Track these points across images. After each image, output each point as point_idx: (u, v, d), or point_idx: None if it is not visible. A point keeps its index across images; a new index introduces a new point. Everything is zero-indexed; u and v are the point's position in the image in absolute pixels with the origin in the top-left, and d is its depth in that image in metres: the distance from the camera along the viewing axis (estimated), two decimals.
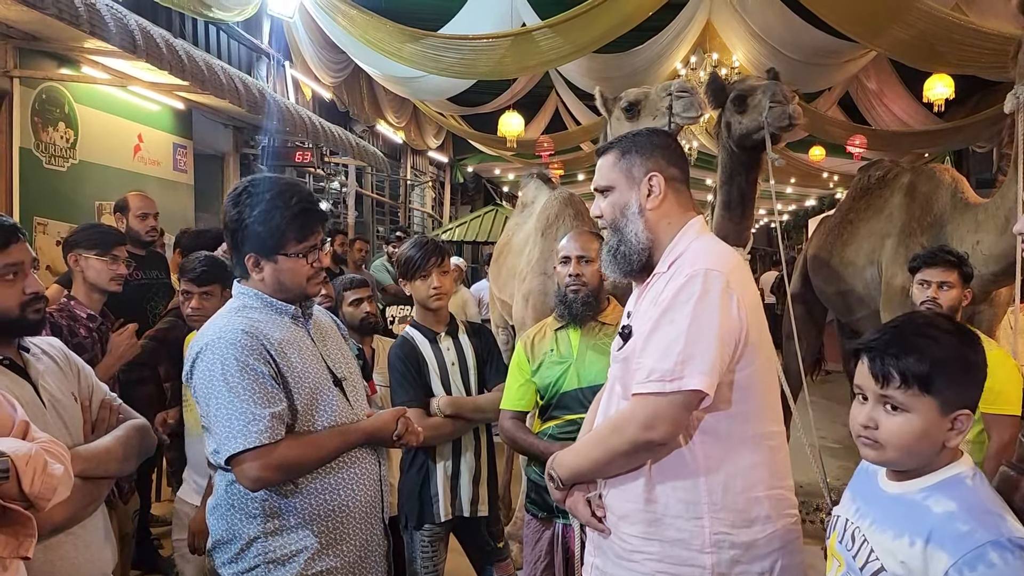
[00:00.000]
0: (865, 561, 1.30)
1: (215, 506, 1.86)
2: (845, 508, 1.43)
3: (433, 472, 2.58)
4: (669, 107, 3.10)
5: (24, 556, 1.23)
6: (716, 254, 1.66)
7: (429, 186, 13.77)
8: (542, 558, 2.55)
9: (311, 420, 1.83)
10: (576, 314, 2.51)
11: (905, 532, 1.25)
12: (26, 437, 1.36)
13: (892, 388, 1.27)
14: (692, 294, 1.56)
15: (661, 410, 1.53)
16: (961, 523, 1.21)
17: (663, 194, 1.71)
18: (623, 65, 7.72)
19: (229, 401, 1.71)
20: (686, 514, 1.60)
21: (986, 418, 2.60)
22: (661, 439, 1.55)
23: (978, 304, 3.41)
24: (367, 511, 1.91)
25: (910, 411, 1.27)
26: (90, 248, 2.84)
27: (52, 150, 4.80)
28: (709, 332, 1.54)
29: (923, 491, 1.29)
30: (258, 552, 1.79)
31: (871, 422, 1.29)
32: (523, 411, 2.57)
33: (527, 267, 3.93)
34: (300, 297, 1.91)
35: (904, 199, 3.91)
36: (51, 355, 1.79)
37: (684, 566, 1.60)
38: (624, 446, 1.59)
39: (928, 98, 8.12)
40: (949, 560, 1.18)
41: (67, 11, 3.71)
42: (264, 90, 5.80)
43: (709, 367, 1.52)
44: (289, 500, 1.80)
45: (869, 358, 1.30)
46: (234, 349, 1.73)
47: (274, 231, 1.81)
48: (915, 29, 5.22)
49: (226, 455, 1.72)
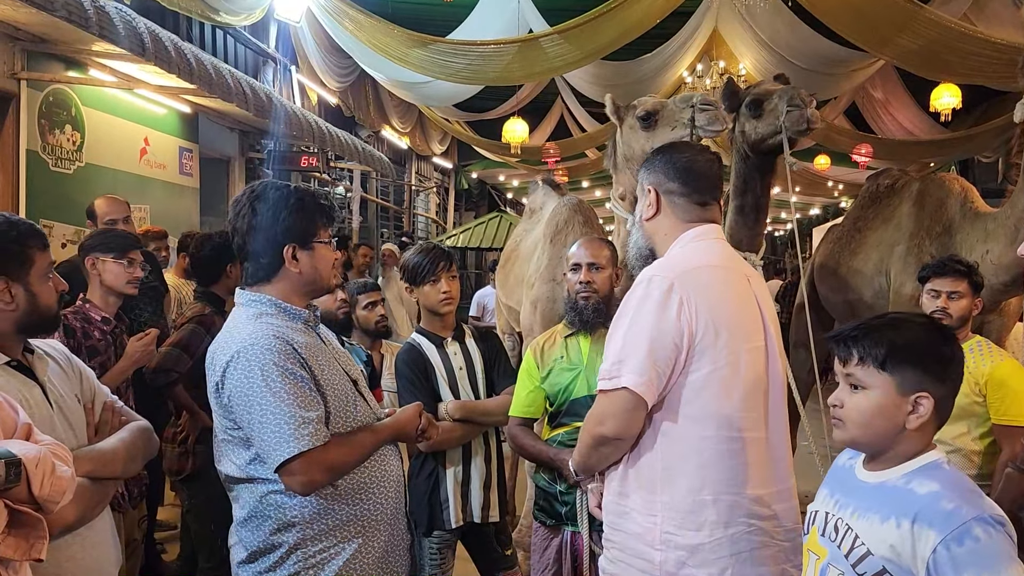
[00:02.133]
0: (850, 547, 1.35)
1: (246, 519, 1.82)
2: (823, 502, 1.48)
3: (443, 478, 2.57)
4: (692, 119, 3.06)
5: (37, 558, 1.22)
6: (678, 260, 1.76)
7: (434, 192, 13.80)
8: (550, 566, 2.53)
9: (341, 422, 1.84)
10: (587, 321, 2.50)
11: (891, 515, 1.30)
12: (29, 440, 1.35)
13: (852, 366, 1.37)
14: (634, 299, 1.70)
15: (607, 407, 1.68)
16: (946, 501, 1.26)
17: (656, 207, 1.82)
18: (630, 72, 7.74)
19: (275, 407, 1.70)
20: (644, 510, 1.70)
21: (997, 429, 2.59)
22: (612, 434, 1.68)
23: (988, 314, 3.39)
24: (394, 507, 1.92)
25: (868, 388, 1.35)
26: (106, 252, 2.84)
27: (58, 153, 4.80)
28: (642, 336, 1.64)
29: (903, 477, 1.35)
30: (299, 559, 1.78)
31: (838, 401, 1.39)
32: (531, 418, 2.56)
33: (535, 274, 3.93)
34: (323, 289, 1.97)
35: (913, 208, 3.90)
36: (54, 357, 1.79)
37: (639, 559, 1.70)
38: (588, 439, 1.76)
39: (935, 108, 8.10)
40: (937, 537, 1.23)
41: (76, 13, 3.72)
42: (271, 94, 5.81)
43: (639, 368, 1.62)
44: (328, 503, 1.79)
45: (835, 344, 1.40)
46: (271, 354, 1.73)
47: (308, 219, 1.86)
48: (923, 39, 5.21)
49: (278, 461, 1.70)
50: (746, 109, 3.47)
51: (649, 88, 7.64)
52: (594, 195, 13.87)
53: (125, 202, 3.92)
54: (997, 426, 2.58)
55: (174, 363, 3.01)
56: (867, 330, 1.37)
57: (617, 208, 3.48)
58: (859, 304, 4.17)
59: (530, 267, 4.08)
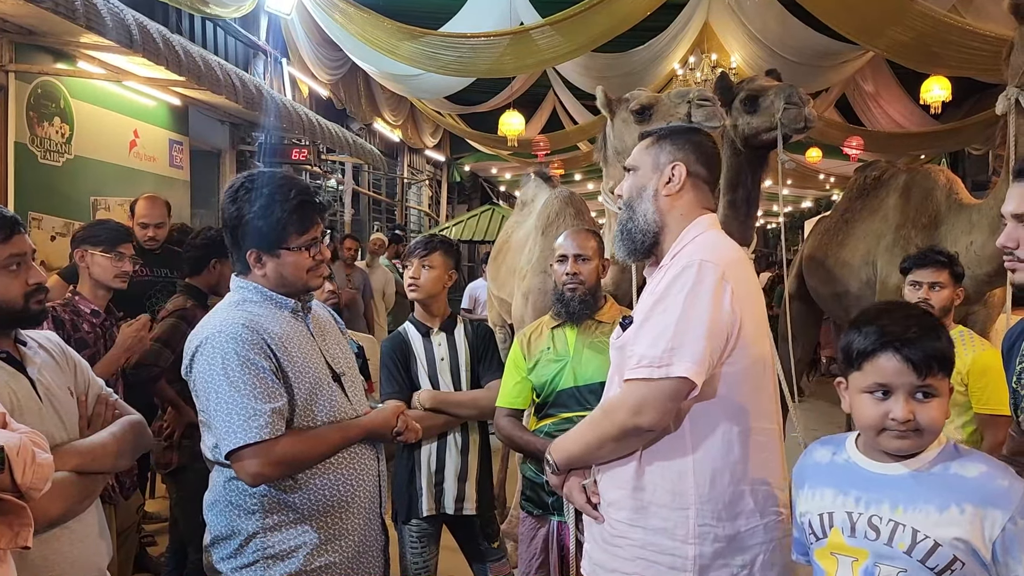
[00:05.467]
0: (912, 542, 1.31)
1: (213, 502, 1.85)
2: (835, 502, 1.42)
3: (418, 467, 2.58)
4: (688, 115, 3.06)
5: (24, 546, 1.23)
6: (716, 247, 1.68)
7: (426, 185, 13.77)
8: (537, 555, 2.55)
9: (311, 415, 1.83)
10: (573, 312, 2.51)
11: (950, 502, 1.30)
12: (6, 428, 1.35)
13: (931, 377, 1.31)
14: (685, 284, 1.59)
15: (649, 396, 1.55)
16: (1000, 479, 1.30)
17: (681, 184, 1.74)
18: (621, 65, 7.73)
19: (229, 396, 1.71)
20: (672, 503, 1.62)
21: (980, 418, 2.62)
22: (648, 425, 1.57)
23: (972, 305, 3.42)
24: (366, 507, 1.91)
25: (939, 395, 1.34)
26: (96, 245, 2.84)
27: (47, 145, 4.78)
28: (699, 322, 1.55)
29: (934, 463, 1.34)
30: (257, 548, 1.78)
31: (911, 414, 1.32)
32: (519, 409, 2.57)
33: (527, 265, 3.94)
34: (301, 290, 1.91)
35: (899, 200, 3.92)
36: (48, 349, 1.78)
37: (665, 555, 1.62)
38: (613, 430, 1.61)
39: (925, 100, 8.13)
40: (1004, 515, 1.27)
41: (63, 5, 3.70)
42: (261, 86, 5.79)
43: (697, 356, 1.54)
44: (289, 496, 1.79)
45: (906, 351, 1.31)
46: (234, 343, 1.73)
47: (275, 225, 1.82)
48: (912, 31, 5.22)
49: (226, 450, 1.71)
50: (740, 104, 3.47)
51: (641, 80, 7.64)
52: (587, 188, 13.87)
53: (164, 204, 3.97)
54: (980, 415, 2.61)
55: (155, 358, 3.00)
56: (932, 333, 1.34)
57: (607, 201, 3.48)
58: (846, 296, 4.20)
59: (521, 259, 4.09)
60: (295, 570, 1.78)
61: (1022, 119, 3.08)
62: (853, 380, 1.39)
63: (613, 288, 3.33)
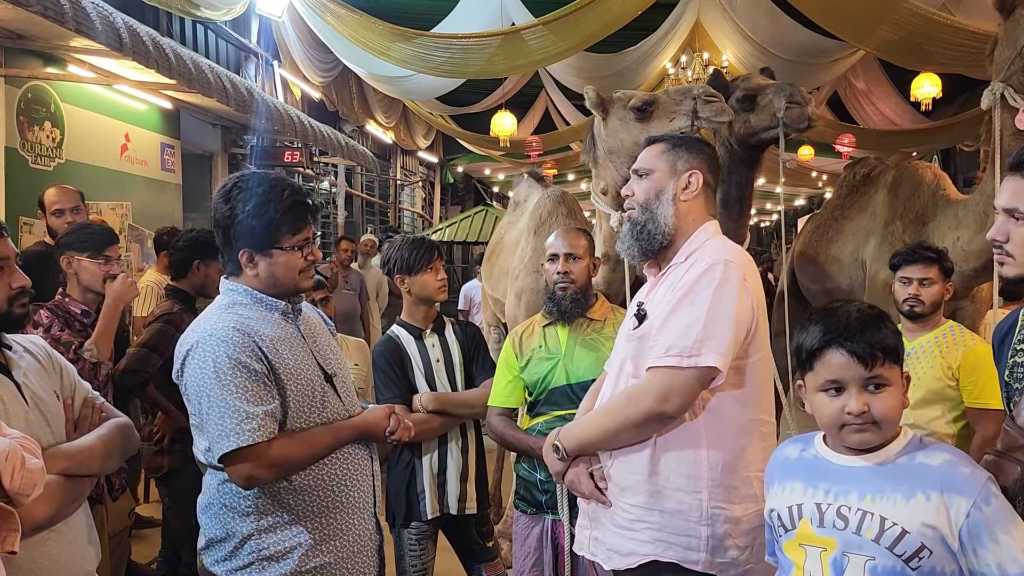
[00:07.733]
0: (880, 530, 1.34)
1: (207, 505, 1.85)
2: (803, 495, 1.44)
3: (419, 469, 2.58)
4: (694, 111, 3.05)
5: (10, 551, 1.23)
6: (732, 250, 1.82)
7: (419, 186, 13.76)
8: (531, 554, 2.55)
9: (304, 417, 1.83)
10: (565, 311, 2.52)
11: (916, 490, 1.33)
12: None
13: (879, 367, 1.35)
14: (712, 281, 1.70)
15: (676, 383, 1.65)
16: (963, 467, 1.34)
17: (697, 191, 1.87)
18: (613, 65, 7.74)
19: (221, 399, 1.71)
20: (686, 487, 1.71)
21: (971, 412, 2.62)
22: (673, 411, 1.67)
23: (960, 300, 3.43)
24: (360, 507, 1.91)
25: (891, 384, 1.37)
26: (82, 250, 2.79)
27: (38, 150, 4.77)
28: (727, 317, 1.67)
29: (899, 455, 1.38)
30: (252, 550, 1.78)
31: (865, 407, 1.35)
32: (511, 408, 2.58)
33: (520, 265, 3.93)
34: (293, 291, 1.92)
35: (887, 196, 3.93)
36: (33, 353, 1.78)
37: (681, 536, 1.71)
38: (637, 416, 1.69)
39: (916, 97, 8.14)
40: (967, 501, 1.29)
41: (52, 9, 3.68)
42: (252, 89, 5.77)
43: (725, 348, 1.65)
44: (283, 497, 1.79)
45: (849, 345, 1.35)
46: (226, 346, 1.73)
47: (268, 225, 1.82)
48: (902, 29, 5.24)
49: (219, 454, 1.72)
50: (736, 103, 3.46)
51: (633, 80, 7.66)
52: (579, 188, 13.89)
53: (76, 191, 3.69)
54: (971, 409, 2.62)
55: (143, 364, 2.99)
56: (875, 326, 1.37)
57: (598, 203, 3.46)
58: (837, 292, 4.21)
59: (515, 259, 4.09)
60: (290, 571, 1.78)
61: (1007, 114, 3.10)
62: (808, 381, 1.43)
63: (604, 286, 3.33)
